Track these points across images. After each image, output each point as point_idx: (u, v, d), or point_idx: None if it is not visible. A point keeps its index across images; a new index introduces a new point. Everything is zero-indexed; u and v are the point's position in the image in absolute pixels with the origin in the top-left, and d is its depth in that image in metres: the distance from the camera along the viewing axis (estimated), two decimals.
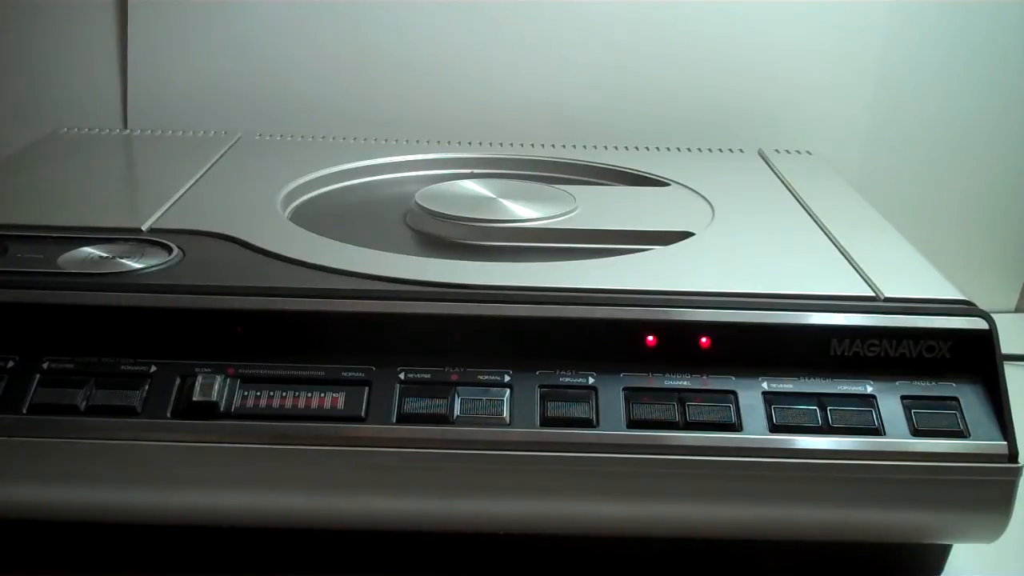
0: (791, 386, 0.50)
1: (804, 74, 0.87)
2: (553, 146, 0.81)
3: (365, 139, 0.81)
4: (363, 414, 0.48)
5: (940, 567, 0.53)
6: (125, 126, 0.88)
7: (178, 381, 0.49)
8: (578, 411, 0.48)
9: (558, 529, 0.50)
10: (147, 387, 0.48)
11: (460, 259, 0.58)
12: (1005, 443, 0.48)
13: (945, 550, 0.53)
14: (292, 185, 0.68)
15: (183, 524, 0.50)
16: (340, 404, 0.48)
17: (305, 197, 0.69)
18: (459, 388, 0.49)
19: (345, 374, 0.49)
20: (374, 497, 0.49)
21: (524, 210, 0.64)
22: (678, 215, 0.65)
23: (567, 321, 0.50)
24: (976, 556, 0.53)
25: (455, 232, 0.62)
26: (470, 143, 0.81)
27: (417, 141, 0.81)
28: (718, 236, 0.61)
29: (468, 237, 0.62)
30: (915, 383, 0.50)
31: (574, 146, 0.81)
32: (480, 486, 0.48)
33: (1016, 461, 0.48)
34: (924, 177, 0.89)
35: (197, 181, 0.68)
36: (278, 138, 0.81)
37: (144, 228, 0.58)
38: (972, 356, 0.50)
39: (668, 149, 0.82)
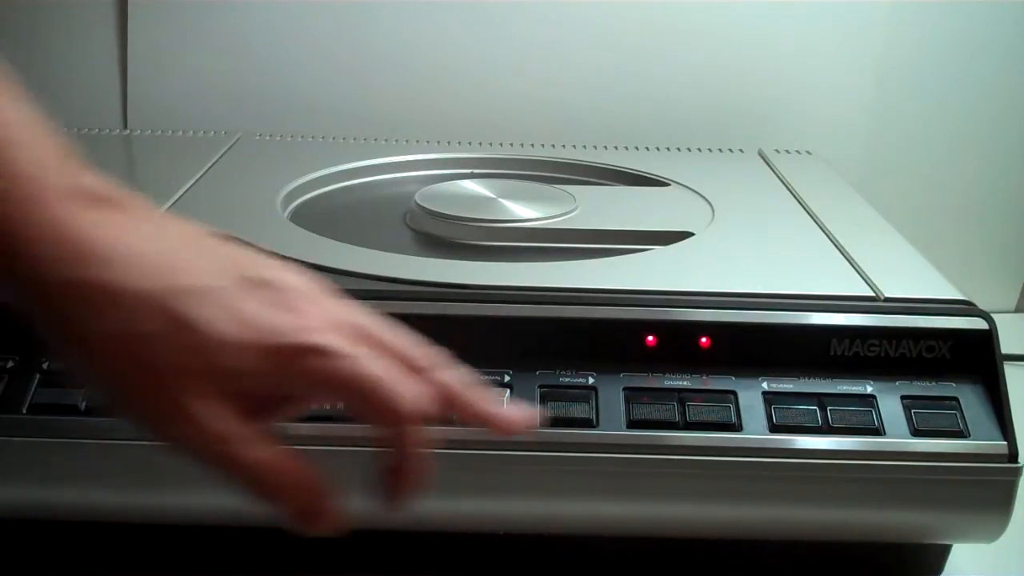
0: (791, 386, 0.50)
1: (804, 74, 0.87)
2: (553, 146, 0.81)
3: (365, 139, 0.81)
4: None
5: (940, 567, 0.53)
6: (125, 126, 0.88)
7: None
8: (578, 411, 0.48)
9: (558, 529, 0.50)
10: None
11: (460, 259, 0.58)
12: (1005, 443, 0.48)
13: (945, 550, 0.53)
14: (292, 185, 0.68)
15: (183, 524, 0.50)
16: (341, 404, 0.48)
17: (305, 197, 0.69)
18: None
19: None
20: (373, 497, 0.48)
21: (524, 210, 0.64)
22: (678, 215, 0.65)
23: (567, 321, 0.50)
24: (976, 556, 0.53)
25: (455, 232, 0.62)
26: (470, 143, 0.81)
27: (417, 141, 0.81)
28: (718, 236, 0.61)
29: (468, 237, 0.62)
30: (915, 383, 0.50)
31: (574, 146, 0.81)
32: (480, 486, 0.48)
33: (1016, 461, 0.48)
34: (924, 177, 0.89)
35: (197, 181, 0.68)
36: (278, 138, 0.81)
37: None
38: (972, 356, 0.50)
39: (668, 149, 0.82)
